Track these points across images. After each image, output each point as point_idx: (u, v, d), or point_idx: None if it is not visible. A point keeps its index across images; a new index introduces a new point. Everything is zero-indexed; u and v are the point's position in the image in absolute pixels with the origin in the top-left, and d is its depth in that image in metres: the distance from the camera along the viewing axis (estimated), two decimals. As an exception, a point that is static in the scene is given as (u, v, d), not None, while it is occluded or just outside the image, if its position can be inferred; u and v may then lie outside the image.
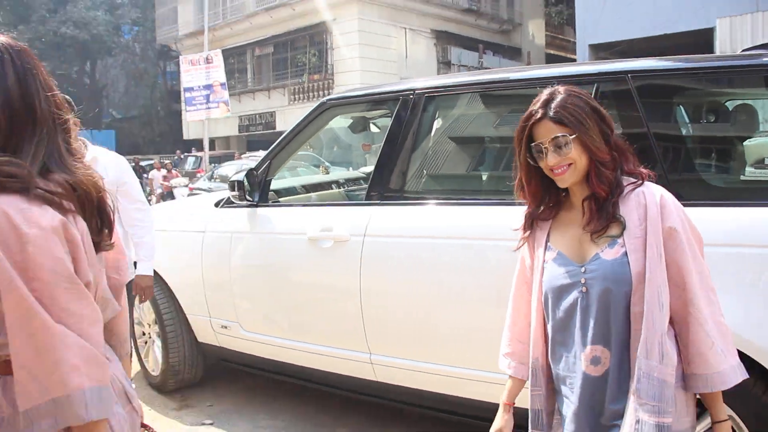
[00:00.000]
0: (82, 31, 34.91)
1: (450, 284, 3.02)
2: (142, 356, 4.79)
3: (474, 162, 3.72)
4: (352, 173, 5.81)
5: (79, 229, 1.35)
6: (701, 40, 14.89)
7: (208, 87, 19.80)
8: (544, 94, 1.74)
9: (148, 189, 18.74)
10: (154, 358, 4.62)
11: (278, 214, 3.86)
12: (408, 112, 3.38)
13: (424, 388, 3.21)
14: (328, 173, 5.27)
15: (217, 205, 4.22)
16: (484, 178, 3.63)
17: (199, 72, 20.11)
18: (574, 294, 1.74)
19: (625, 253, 1.67)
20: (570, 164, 1.69)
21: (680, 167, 2.74)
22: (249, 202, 3.88)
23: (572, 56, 24.87)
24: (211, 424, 4.11)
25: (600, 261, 1.70)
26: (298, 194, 4.67)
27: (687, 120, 3.16)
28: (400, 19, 24.27)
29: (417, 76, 24.07)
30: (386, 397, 3.48)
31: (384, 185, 3.37)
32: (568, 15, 26.95)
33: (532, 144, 1.73)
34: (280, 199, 4.21)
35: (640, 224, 1.66)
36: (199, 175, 19.27)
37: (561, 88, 1.74)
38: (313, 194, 4.73)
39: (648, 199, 1.67)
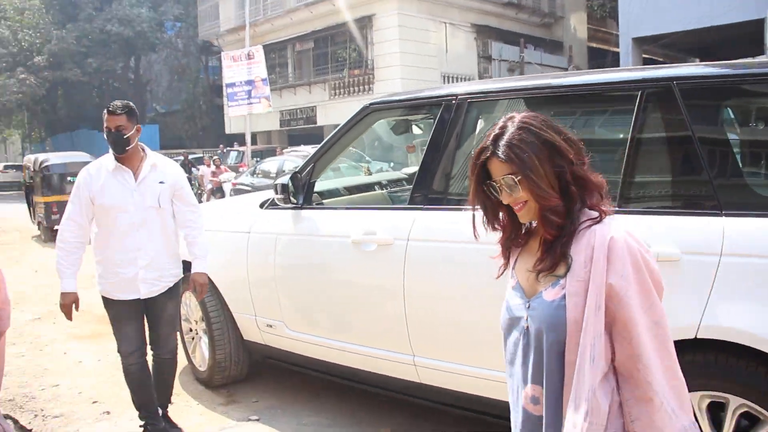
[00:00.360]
0: (126, 28, 35.57)
1: (494, 289, 3.04)
2: (189, 352, 4.92)
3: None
4: (394, 174, 5.86)
5: None
6: (751, 33, 14.55)
7: (250, 83, 20.05)
8: (497, 126, 1.64)
9: (196, 184, 19.05)
10: (201, 354, 4.75)
11: (322, 217, 3.93)
12: (450, 117, 3.41)
13: (468, 390, 3.25)
14: (370, 174, 5.32)
15: (261, 206, 4.31)
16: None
17: (241, 68, 20.36)
18: (519, 329, 1.69)
19: (564, 296, 1.58)
20: (525, 201, 1.61)
21: (726, 175, 2.72)
22: (293, 205, 3.97)
23: (615, 49, 24.52)
24: (258, 420, 4.20)
25: (540, 300, 1.63)
26: (341, 196, 4.74)
27: (734, 127, 3.13)
28: (439, 14, 24.18)
29: (457, 71, 24.04)
30: (429, 399, 3.53)
31: (427, 190, 3.41)
32: (611, 8, 26.60)
33: (489, 181, 1.66)
34: (323, 201, 4.27)
35: (585, 266, 1.55)
36: (241, 169, 19.52)
37: (516, 118, 1.63)
38: (355, 195, 4.79)
39: (597, 241, 1.54)
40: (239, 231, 4.34)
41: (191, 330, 4.88)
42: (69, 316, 3.77)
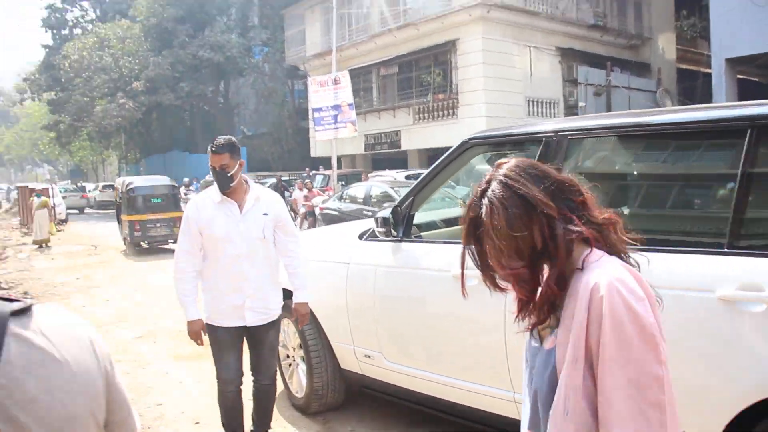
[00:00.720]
0: (217, 53, 36.99)
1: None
2: (286, 378, 5.06)
3: (619, 205, 3.68)
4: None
5: None
6: None
7: (336, 107, 20.44)
8: (484, 180, 1.59)
9: (289, 207, 19.48)
10: (298, 381, 4.88)
11: (422, 250, 4.00)
12: (550, 153, 3.42)
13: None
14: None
15: (360, 237, 4.42)
16: (637, 223, 3.55)
17: (327, 93, 20.78)
18: (528, 374, 1.67)
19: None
20: None
21: None
22: (394, 238, 4.06)
23: (706, 70, 23.82)
24: (353, 448, 4.28)
25: (542, 348, 1.60)
26: (438, 228, 4.79)
27: None
28: (524, 38, 24.06)
29: (542, 95, 23.84)
30: (527, 435, 3.52)
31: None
32: (702, 27, 25.83)
33: None
34: (421, 234, 4.34)
35: (572, 316, 1.49)
36: (327, 193, 19.81)
37: (499, 170, 1.58)
38: (453, 228, 4.83)
39: (581, 289, 1.48)
40: (339, 261, 4.47)
41: (288, 356, 5.02)
42: (200, 342, 3.96)
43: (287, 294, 4.23)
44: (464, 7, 22.75)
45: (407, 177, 17.83)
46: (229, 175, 3.82)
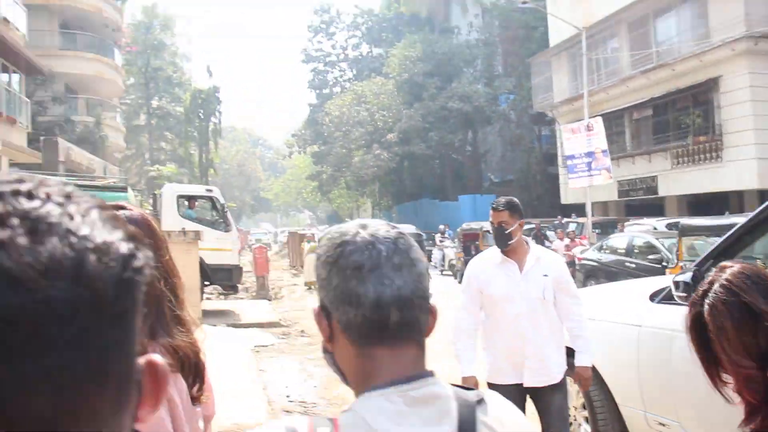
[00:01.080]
0: (465, 103, 38.34)
1: None
2: (568, 437, 5.01)
3: None
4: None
5: (178, 388, 1.52)
6: None
7: (590, 154, 20.10)
8: (706, 281, 1.65)
9: None
10: (581, 442, 4.82)
11: (726, 317, 3.80)
12: None
13: None
14: (766, 267, 5.00)
15: (652, 299, 4.30)
16: None
17: (580, 140, 20.53)
18: None
19: None
20: None
21: None
22: (694, 303, 3.91)
23: None
24: None
25: None
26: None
27: None
28: (800, 69, 21.84)
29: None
30: None
31: None
32: None
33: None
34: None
35: None
36: (583, 242, 19.32)
37: (723, 274, 1.61)
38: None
39: None
40: (627, 323, 4.37)
41: (570, 415, 4.97)
42: None
43: (569, 352, 4.20)
44: (726, 41, 21.16)
45: (668, 226, 16.86)
46: (507, 231, 3.90)
